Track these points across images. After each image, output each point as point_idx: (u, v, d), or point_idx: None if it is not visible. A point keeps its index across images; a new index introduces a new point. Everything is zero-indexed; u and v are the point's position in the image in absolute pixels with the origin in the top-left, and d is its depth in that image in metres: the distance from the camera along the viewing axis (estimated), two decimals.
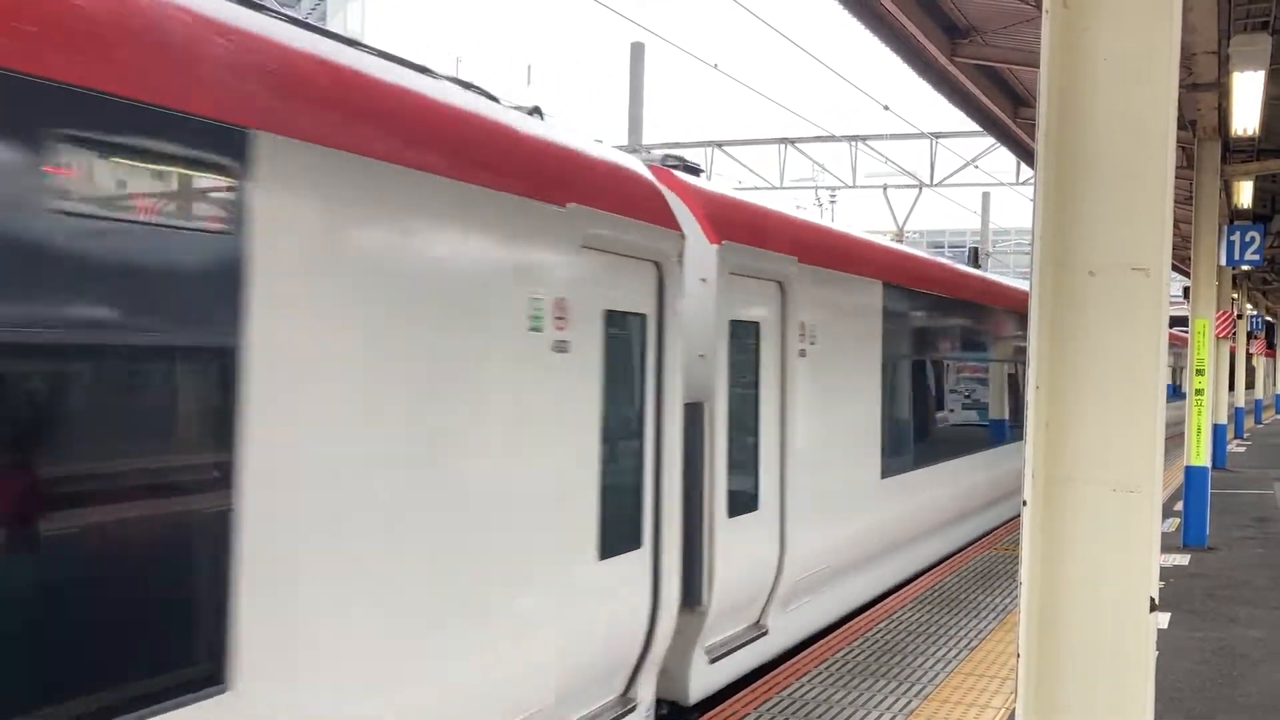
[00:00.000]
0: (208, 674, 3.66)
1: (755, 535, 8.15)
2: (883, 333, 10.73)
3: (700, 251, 7.51)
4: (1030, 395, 3.16)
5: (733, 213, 8.35)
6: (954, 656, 8.55)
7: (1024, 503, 3.16)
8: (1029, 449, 3.15)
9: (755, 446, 8.24)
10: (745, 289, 8.09)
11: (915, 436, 12.00)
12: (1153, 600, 3.09)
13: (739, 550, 7.81)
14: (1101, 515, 3.10)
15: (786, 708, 7.27)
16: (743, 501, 7.98)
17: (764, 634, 8.43)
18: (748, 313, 8.16)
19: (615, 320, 6.38)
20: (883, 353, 10.75)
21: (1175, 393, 32.87)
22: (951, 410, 13.60)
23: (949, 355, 13.47)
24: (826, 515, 9.32)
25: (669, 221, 6.96)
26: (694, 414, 7.33)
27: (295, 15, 4.82)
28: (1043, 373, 3.13)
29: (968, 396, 14.41)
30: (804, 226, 9.92)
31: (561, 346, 5.67)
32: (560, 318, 5.65)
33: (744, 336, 8.09)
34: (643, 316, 6.72)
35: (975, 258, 25.62)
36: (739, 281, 7.95)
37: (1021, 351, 16.40)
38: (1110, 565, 3.10)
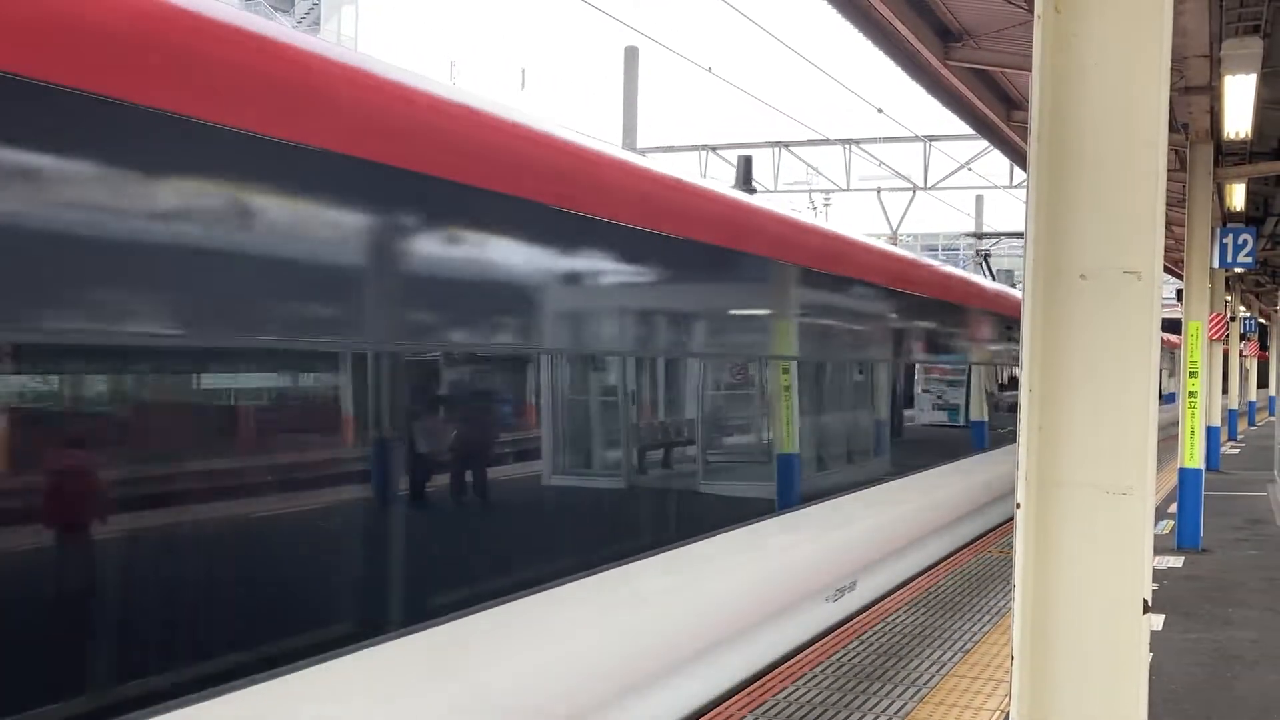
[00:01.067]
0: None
1: None
2: None
3: None
4: (1023, 398, 3.17)
5: None
6: (949, 659, 8.56)
7: (1017, 506, 3.17)
8: (1022, 452, 3.16)
9: None
10: None
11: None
12: (1146, 602, 3.11)
13: None
14: (1094, 518, 3.11)
15: (782, 711, 7.28)
16: None
17: None
18: None
19: None
20: None
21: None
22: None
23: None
24: None
25: None
26: None
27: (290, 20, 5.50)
28: (1035, 376, 3.14)
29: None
30: None
31: None
32: None
33: None
34: None
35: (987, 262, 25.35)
36: None
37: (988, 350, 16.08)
38: (1103, 568, 3.11)
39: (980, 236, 30.99)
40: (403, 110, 4.62)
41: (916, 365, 12.90)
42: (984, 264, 24.97)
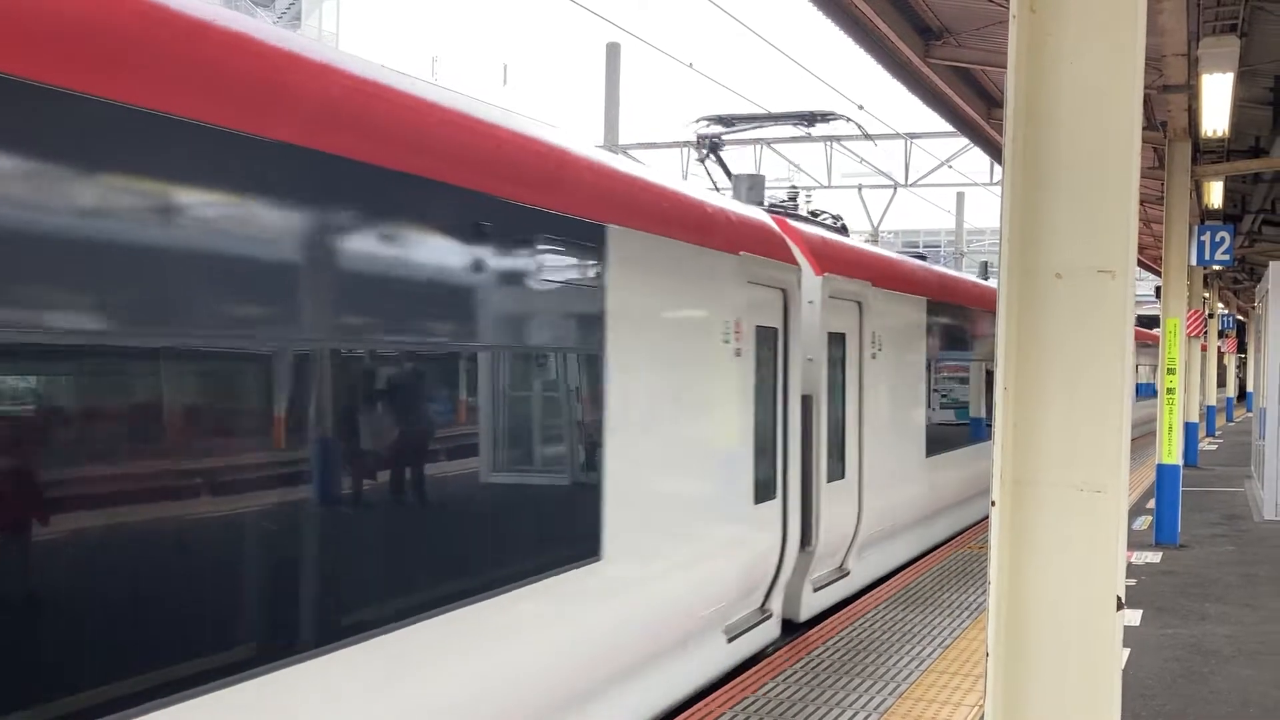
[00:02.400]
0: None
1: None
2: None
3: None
4: (998, 397, 3.19)
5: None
6: (928, 655, 8.59)
7: (992, 503, 3.19)
8: (997, 450, 3.18)
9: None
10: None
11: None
12: (1119, 599, 3.13)
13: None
14: (1068, 516, 3.13)
15: (762, 707, 7.30)
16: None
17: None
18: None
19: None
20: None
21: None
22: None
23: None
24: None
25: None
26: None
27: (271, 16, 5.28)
28: (1010, 374, 3.16)
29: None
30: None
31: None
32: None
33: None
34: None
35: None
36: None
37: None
38: (1077, 565, 3.13)
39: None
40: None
41: None
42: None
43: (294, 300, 4.21)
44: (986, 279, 24.28)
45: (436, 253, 5.03)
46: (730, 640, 8.28)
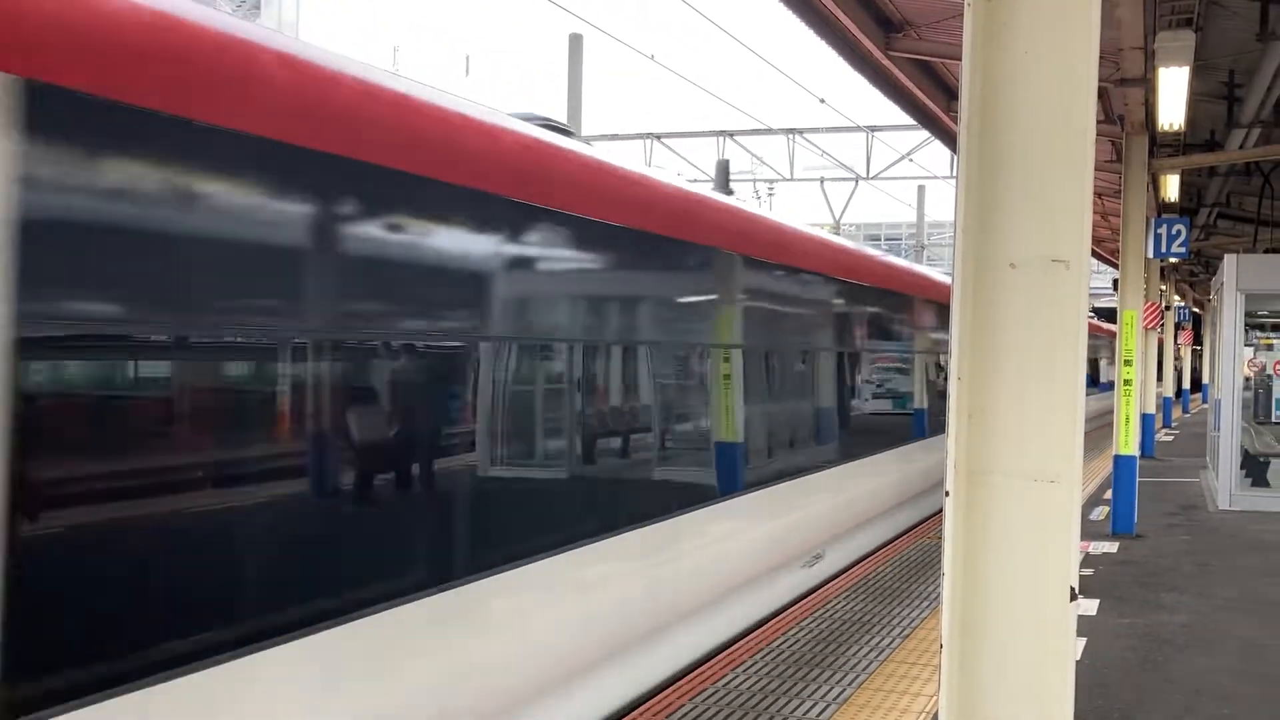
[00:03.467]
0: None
1: None
2: None
3: None
4: (952, 387, 3.18)
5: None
6: (888, 645, 8.62)
7: (946, 494, 3.18)
8: (951, 441, 3.17)
9: None
10: None
11: None
12: (1073, 589, 3.13)
13: None
14: (1022, 506, 3.13)
15: (722, 698, 7.29)
16: None
17: None
18: None
19: None
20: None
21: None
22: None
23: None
24: None
25: None
26: None
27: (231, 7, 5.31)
28: (964, 365, 3.15)
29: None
30: None
31: None
32: None
33: None
34: None
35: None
36: None
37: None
38: (1031, 555, 3.13)
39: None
40: None
41: None
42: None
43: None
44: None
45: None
46: None
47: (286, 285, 4.44)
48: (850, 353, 12.66)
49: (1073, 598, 3.12)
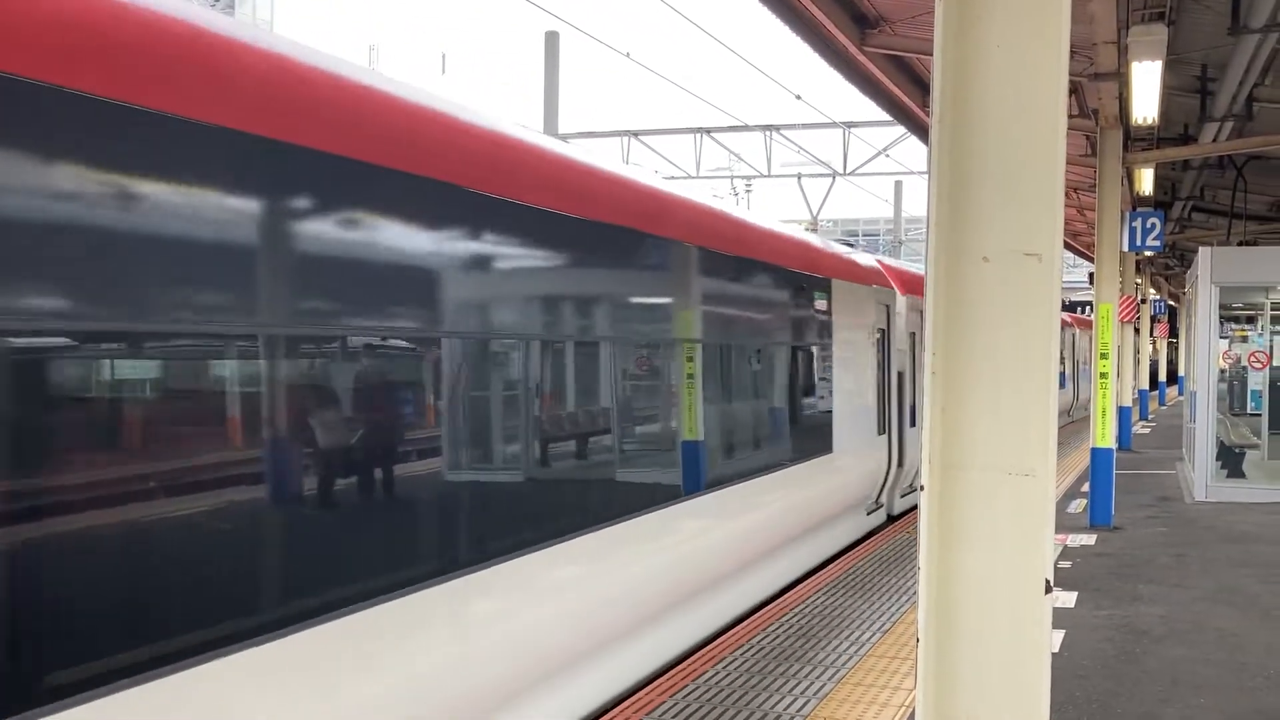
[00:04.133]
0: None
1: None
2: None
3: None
4: (926, 381, 3.18)
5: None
6: (867, 639, 8.65)
7: (921, 488, 3.19)
8: (925, 435, 3.17)
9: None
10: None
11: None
12: (1048, 582, 3.14)
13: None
14: (997, 500, 3.14)
15: (702, 694, 7.30)
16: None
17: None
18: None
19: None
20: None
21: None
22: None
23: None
24: None
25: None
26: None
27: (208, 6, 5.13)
28: (938, 359, 3.16)
29: None
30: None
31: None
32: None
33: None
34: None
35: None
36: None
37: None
38: (1006, 549, 3.14)
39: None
40: None
41: None
42: None
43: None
44: None
45: None
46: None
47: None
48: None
49: (1047, 590, 3.12)
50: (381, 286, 5.13)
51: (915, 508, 13.99)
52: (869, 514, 14.36)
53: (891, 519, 15.37)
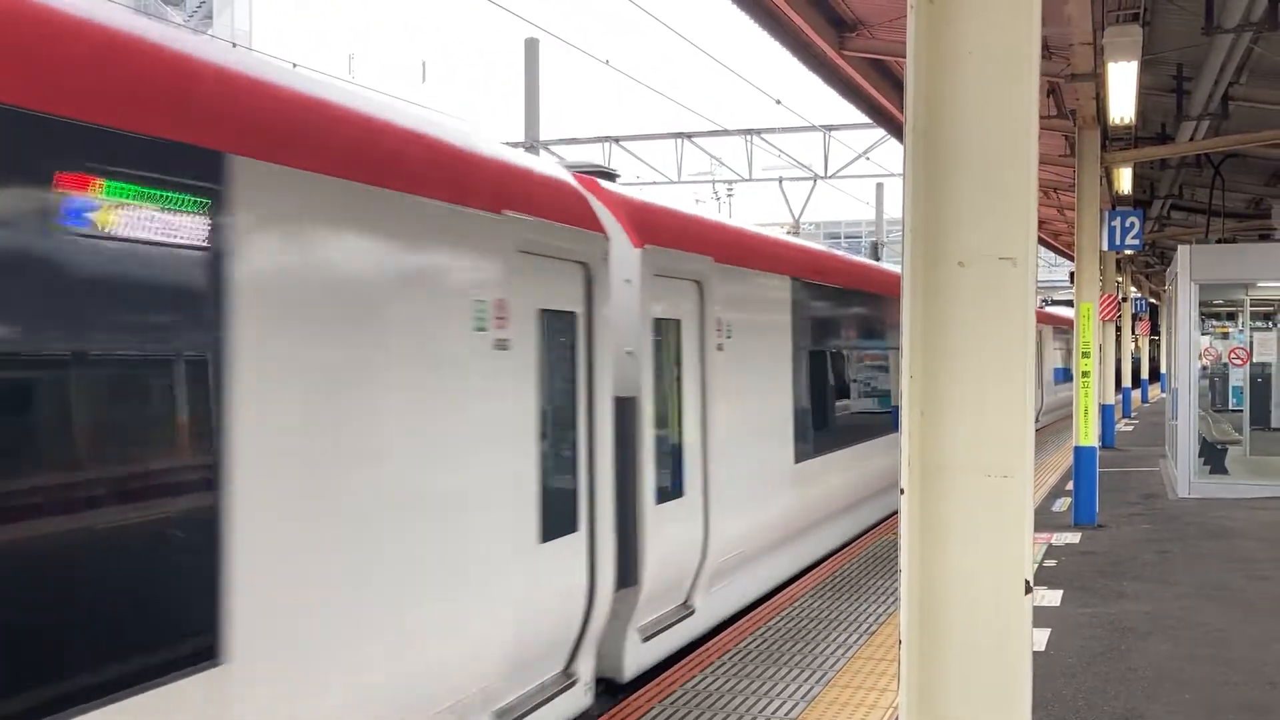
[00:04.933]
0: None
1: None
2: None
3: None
4: (905, 385, 3.21)
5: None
6: (854, 641, 8.67)
7: (901, 491, 3.21)
8: (905, 437, 3.20)
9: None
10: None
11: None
12: (1028, 582, 3.17)
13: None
14: (977, 501, 3.16)
15: (691, 699, 7.31)
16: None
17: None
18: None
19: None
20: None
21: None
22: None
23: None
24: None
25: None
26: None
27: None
28: (917, 362, 3.18)
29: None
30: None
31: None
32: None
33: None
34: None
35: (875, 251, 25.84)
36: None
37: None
38: (986, 550, 3.16)
39: None
40: None
41: None
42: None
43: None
44: (878, 259, 24.38)
45: None
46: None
47: None
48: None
49: (1028, 590, 3.15)
50: None
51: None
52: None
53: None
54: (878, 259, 25.50)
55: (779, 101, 23.69)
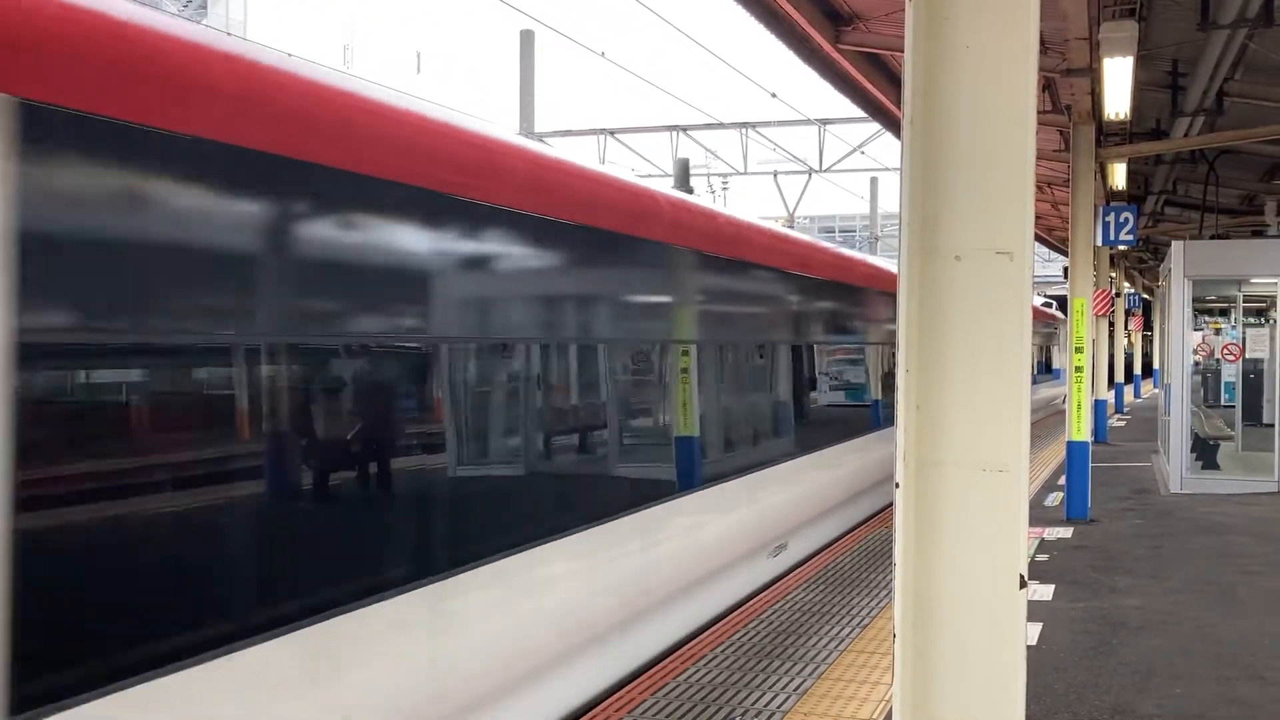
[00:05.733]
0: None
1: None
2: None
3: None
4: (901, 379, 3.21)
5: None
6: (847, 635, 8.68)
7: (896, 485, 3.22)
8: (900, 432, 3.20)
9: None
10: None
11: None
12: (1022, 577, 3.17)
13: None
14: (972, 496, 3.17)
15: (683, 692, 7.32)
16: None
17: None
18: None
19: None
20: None
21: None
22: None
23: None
24: None
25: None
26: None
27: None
28: (912, 356, 3.19)
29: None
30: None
31: None
32: None
33: None
34: None
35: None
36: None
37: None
38: (981, 544, 3.17)
39: None
40: None
41: None
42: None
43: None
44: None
45: None
46: None
47: None
48: None
49: (1022, 585, 3.16)
50: None
51: None
52: None
53: None
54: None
55: (775, 95, 23.66)
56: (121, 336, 4.07)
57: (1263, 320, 20.26)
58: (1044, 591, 10.08)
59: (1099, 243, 16.86)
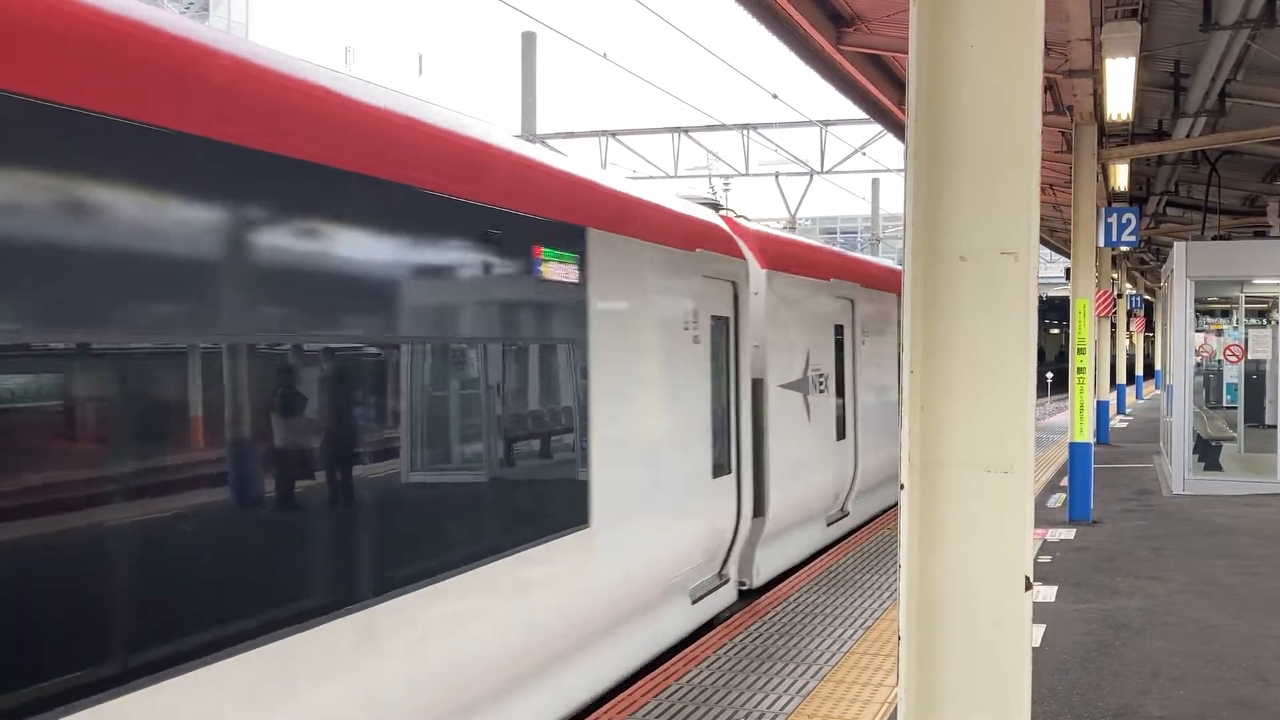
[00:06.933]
0: None
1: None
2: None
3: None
4: (905, 380, 3.20)
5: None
6: (850, 637, 8.68)
7: (901, 486, 3.21)
8: (905, 433, 3.19)
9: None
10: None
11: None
12: (1028, 579, 3.16)
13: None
14: (977, 497, 3.16)
15: (686, 694, 7.31)
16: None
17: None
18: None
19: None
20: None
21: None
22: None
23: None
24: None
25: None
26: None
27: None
28: (917, 357, 3.18)
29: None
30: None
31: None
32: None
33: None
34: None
35: None
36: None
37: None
38: (986, 546, 3.16)
39: None
40: None
41: None
42: None
43: None
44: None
45: None
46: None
47: None
48: None
49: (1028, 587, 3.15)
50: None
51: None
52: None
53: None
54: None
55: (776, 96, 23.65)
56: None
57: (1265, 321, 20.24)
58: (1047, 593, 10.07)
59: (1101, 244, 16.85)
